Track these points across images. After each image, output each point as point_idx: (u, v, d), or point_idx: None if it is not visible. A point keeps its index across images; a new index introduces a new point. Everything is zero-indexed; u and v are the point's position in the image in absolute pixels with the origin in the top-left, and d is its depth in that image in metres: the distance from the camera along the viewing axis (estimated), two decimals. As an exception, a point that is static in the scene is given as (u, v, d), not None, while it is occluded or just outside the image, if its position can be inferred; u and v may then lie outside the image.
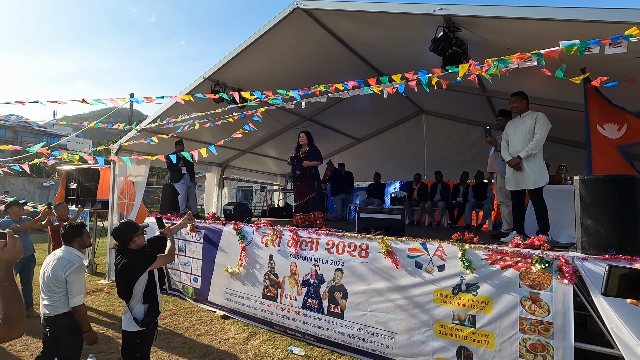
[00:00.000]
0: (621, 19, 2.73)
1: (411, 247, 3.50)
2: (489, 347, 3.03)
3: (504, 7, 3.30)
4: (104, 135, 39.36)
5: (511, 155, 3.82)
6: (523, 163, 3.68)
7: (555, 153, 6.91)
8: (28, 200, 6.41)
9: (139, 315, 2.41)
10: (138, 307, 2.43)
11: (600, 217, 2.77)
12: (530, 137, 3.65)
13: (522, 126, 3.75)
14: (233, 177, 10.05)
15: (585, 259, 2.73)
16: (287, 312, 4.20)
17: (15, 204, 4.60)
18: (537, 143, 3.58)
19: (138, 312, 2.43)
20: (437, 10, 3.54)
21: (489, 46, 4.03)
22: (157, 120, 5.61)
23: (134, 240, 2.50)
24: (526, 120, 3.73)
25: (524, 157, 3.65)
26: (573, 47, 2.61)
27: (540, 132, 3.58)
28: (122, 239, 2.49)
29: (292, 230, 4.31)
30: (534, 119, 3.66)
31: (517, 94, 3.84)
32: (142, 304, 2.44)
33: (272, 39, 4.76)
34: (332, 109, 7.52)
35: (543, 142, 3.62)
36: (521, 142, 3.72)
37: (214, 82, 5.48)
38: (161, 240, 2.88)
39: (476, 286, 3.13)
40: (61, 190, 8.85)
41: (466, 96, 6.20)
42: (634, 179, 2.79)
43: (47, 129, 39.80)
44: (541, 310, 2.83)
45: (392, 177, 9.85)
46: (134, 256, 2.45)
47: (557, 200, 4.04)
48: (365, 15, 4.18)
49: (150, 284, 2.48)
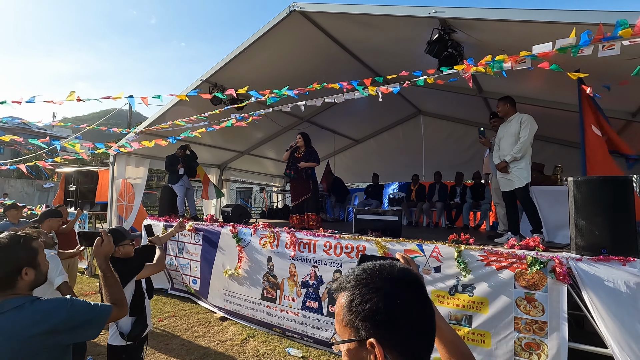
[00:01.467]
0: (614, 22, 2.76)
1: (407, 249, 3.53)
2: (485, 346, 3.05)
3: (499, 10, 3.34)
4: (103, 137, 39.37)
5: (500, 158, 3.89)
6: (509, 165, 3.75)
7: (551, 154, 6.95)
8: (27, 203, 6.43)
9: (125, 329, 2.24)
10: (124, 320, 2.24)
11: (594, 218, 2.79)
12: (517, 141, 3.73)
13: (510, 130, 3.83)
14: (232, 179, 10.08)
15: (580, 259, 2.76)
16: (286, 314, 4.22)
17: (13, 207, 4.61)
18: (520, 146, 3.66)
19: (124, 325, 2.25)
20: (432, 12, 3.57)
21: (484, 48, 4.05)
22: (154, 124, 5.64)
23: (118, 250, 2.29)
24: (513, 124, 3.81)
25: (510, 161, 3.73)
26: (566, 48, 2.64)
27: (524, 135, 3.66)
28: None
29: (290, 232, 4.33)
30: (519, 122, 3.74)
31: (502, 98, 3.97)
32: (128, 317, 2.26)
33: (270, 41, 4.79)
34: (330, 110, 7.54)
35: (528, 144, 3.69)
36: (509, 146, 3.80)
37: (211, 84, 5.51)
38: (150, 249, 2.72)
39: (472, 287, 3.16)
40: (60, 193, 8.88)
41: (463, 97, 6.23)
42: (627, 180, 2.82)
43: (46, 131, 39.80)
44: (536, 310, 2.86)
45: (391, 178, 9.89)
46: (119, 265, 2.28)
47: (553, 201, 4.07)
48: (361, 18, 4.21)
49: (138, 295, 2.32)
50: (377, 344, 0.63)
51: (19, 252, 1.28)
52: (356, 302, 0.67)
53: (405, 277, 0.70)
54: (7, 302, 1.18)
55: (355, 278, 0.70)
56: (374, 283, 0.68)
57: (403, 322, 0.65)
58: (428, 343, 0.68)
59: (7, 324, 1.13)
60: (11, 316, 1.15)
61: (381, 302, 0.65)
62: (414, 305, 0.67)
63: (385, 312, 0.64)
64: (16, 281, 1.24)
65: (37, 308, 1.19)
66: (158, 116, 6.04)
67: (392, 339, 0.65)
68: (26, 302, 1.20)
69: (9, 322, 1.14)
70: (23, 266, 1.27)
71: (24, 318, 1.16)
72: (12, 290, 1.24)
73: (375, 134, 9.64)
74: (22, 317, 1.15)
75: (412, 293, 0.69)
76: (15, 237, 1.31)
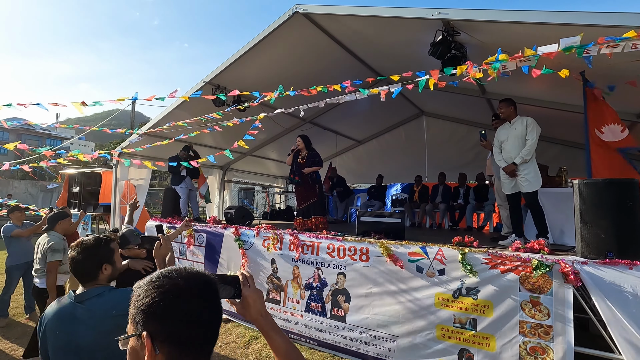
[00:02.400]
0: (619, 23, 2.74)
1: (411, 251, 3.51)
2: (490, 349, 3.04)
3: (502, 12, 3.32)
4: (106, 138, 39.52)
5: (506, 161, 3.85)
6: (518, 168, 3.72)
7: (555, 155, 6.91)
8: (31, 203, 6.45)
9: None
10: None
11: (600, 221, 2.77)
12: (523, 143, 3.70)
13: (514, 132, 3.79)
14: (234, 180, 10.09)
15: (585, 263, 2.74)
16: (290, 316, 4.22)
17: (17, 209, 4.63)
18: (530, 149, 3.63)
19: None
20: (435, 14, 3.56)
21: (487, 49, 4.03)
22: (157, 125, 5.65)
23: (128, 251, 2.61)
24: (517, 127, 3.77)
25: (520, 163, 3.69)
26: (571, 48, 2.63)
27: (531, 138, 3.63)
28: None
29: (293, 234, 4.33)
30: (524, 124, 3.70)
31: (504, 100, 3.91)
32: None
33: (272, 43, 4.79)
34: (333, 111, 7.54)
35: (535, 147, 3.67)
36: (515, 149, 3.76)
37: (214, 86, 5.51)
38: None
39: (477, 290, 3.14)
40: (63, 194, 8.92)
41: (466, 98, 6.21)
42: (632, 183, 2.80)
43: (49, 132, 40.00)
44: (541, 314, 2.84)
45: (393, 179, 9.87)
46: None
47: (559, 203, 4.05)
48: (364, 20, 4.20)
49: None
50: (147, 337, 0.67)
51: (101, 251, 1.60)
52: (140, 297, 0.71)
53: (192, 277, 0.75)
54: (91, 291, 1.50)
55: (150, 278, 0.75)
56: (160, 281, 0.72)
57: (174, 316, 0.68)
58: (204, 336, 0.72)
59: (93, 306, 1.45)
60: (94, 301, 1.47)
61: (158, 297, 0.69)
62: (190, 302, 0.71)
63: (158, 306, 0.68)
64: (98, 274, 1.56)
65: (113, 296, 1.51)
66: (161, 117, 6.05)
67: (164, 332, 0.68)
68: (105, 290, 1.52)
69: (93, 305, 1.46)
70: (103, 263, 1.58)
71: (104, 302, 1.47)
72: (95, 281, 1.55)
73: (377, 134, 9.62)
74: (102, 302, 1.47)
75: (191, 291, 0.73)
76: (98, 239, 1.64)
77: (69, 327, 1.41)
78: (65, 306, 1.47)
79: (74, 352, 1.38)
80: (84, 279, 1.54)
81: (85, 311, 1.44)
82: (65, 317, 1.43)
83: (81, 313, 1.43)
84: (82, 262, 1.54)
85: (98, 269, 1.56)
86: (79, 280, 1.54)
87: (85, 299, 1.46)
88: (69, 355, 1.39)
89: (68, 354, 1.39)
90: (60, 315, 1.45)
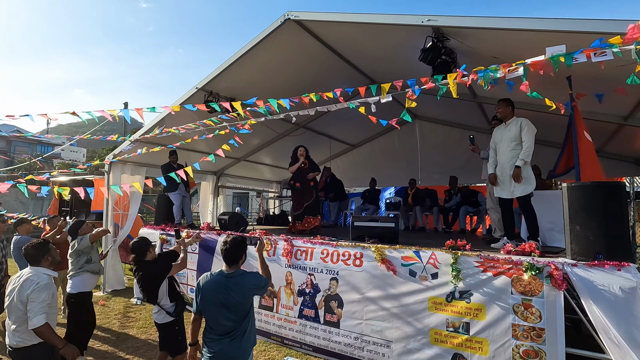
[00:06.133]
0: (605, 30, 2.80)
1: (405, 256, 3.53)
2: (483, 353, 3.05)
3: (490, 18, 3.37)
4: (98, 144, 39.09)
5: (498, 163, 3.85)
6: (508, 171, 3.69)
7: (545, 157, 6.98)
8: (22, 211, 6.36)
9: (170, 310, 3.04)
10: (168, 304, 3.06)
11: (589, 223, 2.81)
12: (516, 145, 3.66)
13: (508, 134, 3.75)
14: (228, 185, 10.05)
15: (575, 265, 2.77)
16: (284, 322, 4.20)
17: (24, 222, 4.69)
18: (528, 151, 3.56)
19: (169, 307, 3.05)
20: (425, 21, 3.60)
21: (477, 55, 4.10)
22: (150, 131, 5.62)
23: (150, 251, 3.09)
24: (511, 128, 3.74)
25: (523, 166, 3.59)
26: (559, 57, 2.67)
27: (528, 139, 3.58)
28: (140, 252, 3.03)
29: (287, 240, 4.32)
30: (519, 126, 3.66)
31: (503, 100, 3.86)
32: (170, 302, 3.07)
33: (265, 49, 4.81)
34: (326, 116, 7.53)
35: (533, 147, 3.62)
36: (507, 151, 3.73)
37: (207, 92, 5.50)
38: (171, 254, 3.40)
39: (469, 293, 3.16)
40: (55, 202, 8.81)
41: (458, 102, 6.26)
42: (620, 185, 2.85)
43: (40, 138, 39.51)
44: (533, 317, 2.86)
45: (387, 183, 9.91)
46: (152, 266, 3.04)
47: (550, 205, 4.08)
48: (355, 27, 4.24)
49: (171, 286, 3.13)
50: None
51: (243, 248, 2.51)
52: None
53: None
54: (237, 271, 2.42)
55: None
56: None
57: None
58: None
59: (240, 280, 2.37)
60: (239, 278, 2.39)
61: None
62: None
63: None
64: (239, 261, 2.46)
65: (250, 275, 2.46)
66: (154, 124, 6.02)
67: None
68: (244, 272, 2.46)
69: (240, 280, 2.38)
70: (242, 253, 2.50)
71: (246, 279, 2.41)
72: (237, 265, 2.44)
73: (371, 138, 9.67)
74: (245, 279, 2.40)
75: None
76: (239, 238, 2.53)
77: (223, 292, 2.30)
78: (220, 279, 2.37)
79: (225, 307, 2.28)
80: (232, 263, 2.41)
81: (234, 284, 2.33)
82: (221, 286, 2.33)
83: (232, 284, 2.33)
84: (233, 251, 2.41)
85: (239, 258, 2.45)
86: (229, 263, 2.41)
87: (234, 276, 2.37)
88: (220, 308, 2.28)
89: (220, 308, 2.28)
90: (218, 284, 2.34)
